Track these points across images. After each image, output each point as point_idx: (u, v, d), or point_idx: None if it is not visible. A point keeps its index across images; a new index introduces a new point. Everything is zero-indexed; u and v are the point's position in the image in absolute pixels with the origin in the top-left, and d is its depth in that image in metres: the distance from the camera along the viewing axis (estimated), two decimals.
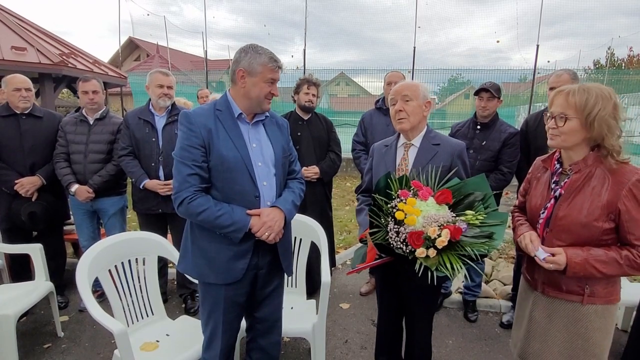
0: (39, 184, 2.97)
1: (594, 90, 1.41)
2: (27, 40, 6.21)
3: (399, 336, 2.16)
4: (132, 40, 21.45)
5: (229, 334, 1.86)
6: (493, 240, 1.54)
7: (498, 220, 1.60)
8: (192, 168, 1.61)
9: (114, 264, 2.20)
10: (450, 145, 1.88)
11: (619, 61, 18.09)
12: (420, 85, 1.90)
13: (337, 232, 5.21)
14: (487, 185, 1.73)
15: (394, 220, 1.58)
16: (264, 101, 1.70)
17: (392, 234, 1.57)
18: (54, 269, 3.04)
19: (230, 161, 1.64)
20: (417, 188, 1.64)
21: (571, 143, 1.47)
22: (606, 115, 1.38)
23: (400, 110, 1.86)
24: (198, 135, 1.62)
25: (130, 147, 2.94)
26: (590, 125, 1.40)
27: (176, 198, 1.63)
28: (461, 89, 14.04)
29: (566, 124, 1.44)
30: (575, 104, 1.41)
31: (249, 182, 1.68)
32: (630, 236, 1.41)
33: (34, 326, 2.97)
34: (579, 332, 1.53)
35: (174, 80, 2.98)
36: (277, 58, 1.69)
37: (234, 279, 1.72)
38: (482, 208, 1.63)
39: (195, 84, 11.51)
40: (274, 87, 1.71)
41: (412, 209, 1.54)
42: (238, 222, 1.63)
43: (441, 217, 1.54)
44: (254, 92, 1.67)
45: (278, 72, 1.71)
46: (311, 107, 3.28)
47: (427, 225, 1.51)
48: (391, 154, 1.96)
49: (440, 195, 1.61)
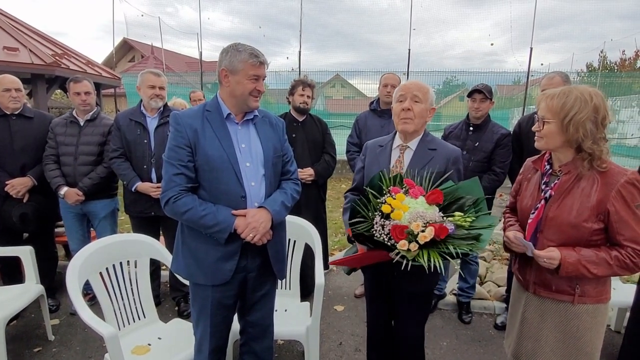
0: (29, 184, 2.93)
1: (574, 93, 1.42)
2: (20, 40, 6.15)
3: (390, 339, 2.15)
4: (126, 41, 21.35)
5: (218, 336, 1.84)
6: (479, 242, 1.54)
7: (487, 223, 1.60)
8: (178, 168, 1.62)
9: (105, 266, 2.17)
10: (446, 151, 1.85)
11: (612, 64, 18.29)
12: (430, 90, 1.84)
13: (332, 234, 5.20)
14: (480, 189, 1.72)
15: (381, 214, 1.57)
16: (250, 98, 1.68)
17: (377, 227, 1.56)
18: (45, 271, 2.99)
19: (215, 161, 1.63)
20: (409, 186, 1.63)
21: (553, 145, 1.50)
22: (583, 119, 1.39)
23: (408, 109, 1.78)
24: (184, 136, 1.63)
25: (122, 149, 2.90)
26: (565, 129, 1.42)
27: (162, 197, 1.65)
28: (456, 92, 14.13)
29: (545, 127, 1.47)
30: (552, 107, 1.44)
31: (235, 182, 1.66)
32: (619, 237, 1.42)
33: (24, 330, 2.93)
34: (571, 332, 1.54)
35: (165, 80, 2.95)
36: (259, 53, 1.66)
37: (221, 280, 1.71)
38: (473, 212, 1.62)
39: (190, 85, 11.47)
40: (259, 84, 1.68)
41: (400, 204, 1.53)
42: (222, 223, 1.61)
43: (428, 215, 1.53)
44: (238, 90, 1.66)
45: (261, 67, 1.67)
46: (306, 109, 3.27)
47: (412, 221, 1.50)
48: (385, 155, 1.92)
49: (431, 195, 1.59)
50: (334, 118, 11.63)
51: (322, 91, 13.56)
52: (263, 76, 1.70)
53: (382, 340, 2.11)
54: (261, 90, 1.70)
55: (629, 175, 1.41)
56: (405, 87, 1.83)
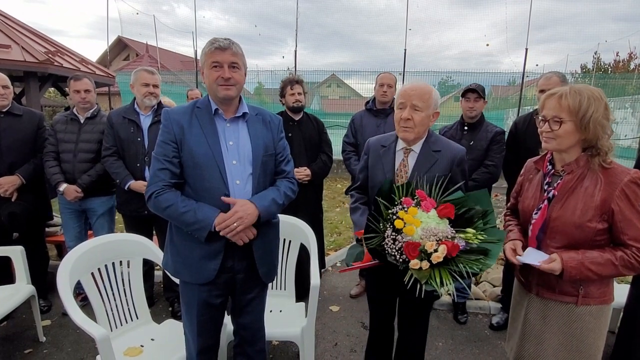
0: (18, 183, 2.88)
1: (585, 92, 1.41)
2: (12, 37, 6.06)
3: (390, 338, 2.14)
4: (121, 40, 21.15)
5: (207, 336, 1.81)
6: (488, 258, 1.52)
7: (496, 237, 1.57)
8: (163, 163, 1.61)
9: (98, 266, 2.14)
10: (450, 152, 1.81)
11: (606, 66, 18.43)
12: (433, 93, 1.76)
13: (328, 234, 5.18)
14: (490, 201, 1.70)
15: (392, 228, 1.55)
16: (217, 88, 1.61)
17: (388, 241, 1.54)
18: (36, 271, 2.94)
19: (200, 157, 1.61)
20: (421, 198, 1.60)
21: (566, 146, 1.47)
22: (600, 117, 1.39)
23: (408, 119, 1.74)
24: (170, 131, 1.63)
25: (115, 147, 2.87)
26: (585, 128, 1.40)
27: (146, 192, 1.64)
28: (451, 92, 14.16)
29: (561, 127, 1.43)
30: (568, 106, 1.41)
31: (219, 180, 1.62)
32: (623, 236, 1.41)
33: (15, 331, 2.89)
34: (574, 333, 1.53)
35: (159, 78, 2.93)
36: (219, 39, 1.59)
37: (206, 279, 1.69)
38: (482, 224, 1.61)
39: (184, 84, 11.41)
40: (223, 71, 1.58)
41: (413, 219, 1.51)
42: (202, 221, 1.58)
43: (440, 231, 1.50)
44: (207, 82, 1.64)
45: (217, 52, 1.58)
46: (300, 106, 3.24)
47: (424, 238, 1.48)
48: (389, 157, 1.88)
49: (444, 209, 1.57)
50: (329, 118, 11.59)
51: (317, 91, 13.51)
52: (227, 62, 1.59)
53: (384, 343, 2.10)
54: (224, 76, 1.59)
55: (632, 175, 1.40)
56: (405, 94, 1.76)
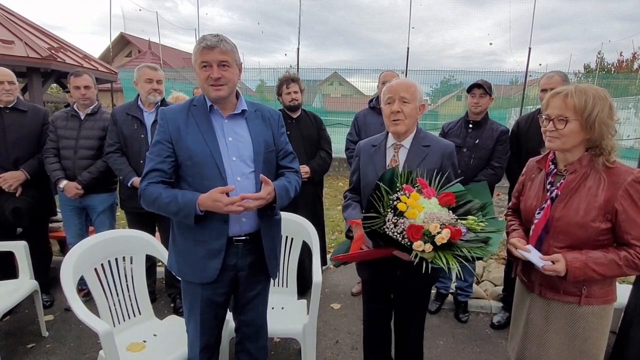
0: (22, 178, 2.89)
1: (591, 91, 1.40)
2: (15, 33, 6.07)
3: (387, 338, 2.14)
4: (123, 36, 21.16)
5: (209, 334, 1.82)
6: (488, 245, 1.53)
7: (496, 227, 1.59)
8: (155, 162, 1.62)
9: (101, 262, 2.15)
10: (440, 147, 1.85)
11: (609, 65, 18.36)
12: (417, 86, 1.83)
13: (329, 232, 5.19)
14: (489, 193, 1.71)
15: (394, 212, 1.56)
16: (208, 88, 1.59)
17: (389, 224, 1.55)
18: (39, 266, 2.95)
19: (198, 155, 1.61)
20: (422, 186, 1.62)
21: (570, 145, 1.46)
22: (605, 117, 1.38)
23: (398, 112, 1.78)
24: (166, 131, 1.63)
25: (118, 143, 2.88)
26: (590, 127, 1.39)
27: (138, 191, 1.64)
28: (454, 91, 14.14)
29: (567, 126, 1.42)
30: (574, 105, 1.40)
31: (218, 177, 1.61)
32: (627, 236, 1.41)
33: (18, 325, 2.90)
34: (577, 333, 1.53)
35: (162, 74, 2.93)
36: (206, 37, 1.55)
37: (208, 278, 1.69)
38: (481, 215, 1.61)
39: (187, 81, 11.41)
40: (212, 71, 1.55)
41: (415, 203, 1.52)
42: (185, 208, 1.54)
43: (443, 217, 1.52)
44: (199, 82, 1.64)
45: (206, 52, 1.54)
46: (296, 105, 3.24)
47: (427, 222, 1.49)
48: (380, 155, 1.91)
49: (445, 197, 1.59)
50: (331, 116, 11.59)
51: (319, 89, 13.50)
52: (215, 61, 1.55)
53: (381, 341, 2.11)
54: (213, 76, 1.56)
55: (636, 174, 1.39)
56: (392, 88, 1.82)
